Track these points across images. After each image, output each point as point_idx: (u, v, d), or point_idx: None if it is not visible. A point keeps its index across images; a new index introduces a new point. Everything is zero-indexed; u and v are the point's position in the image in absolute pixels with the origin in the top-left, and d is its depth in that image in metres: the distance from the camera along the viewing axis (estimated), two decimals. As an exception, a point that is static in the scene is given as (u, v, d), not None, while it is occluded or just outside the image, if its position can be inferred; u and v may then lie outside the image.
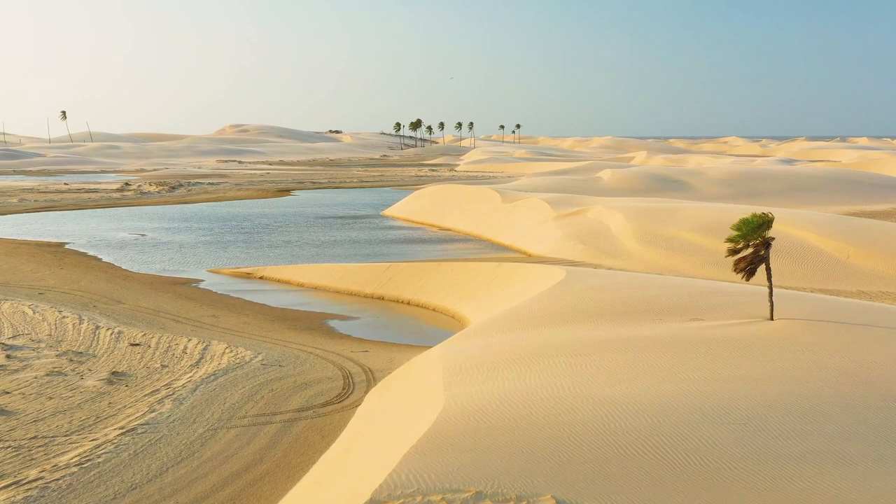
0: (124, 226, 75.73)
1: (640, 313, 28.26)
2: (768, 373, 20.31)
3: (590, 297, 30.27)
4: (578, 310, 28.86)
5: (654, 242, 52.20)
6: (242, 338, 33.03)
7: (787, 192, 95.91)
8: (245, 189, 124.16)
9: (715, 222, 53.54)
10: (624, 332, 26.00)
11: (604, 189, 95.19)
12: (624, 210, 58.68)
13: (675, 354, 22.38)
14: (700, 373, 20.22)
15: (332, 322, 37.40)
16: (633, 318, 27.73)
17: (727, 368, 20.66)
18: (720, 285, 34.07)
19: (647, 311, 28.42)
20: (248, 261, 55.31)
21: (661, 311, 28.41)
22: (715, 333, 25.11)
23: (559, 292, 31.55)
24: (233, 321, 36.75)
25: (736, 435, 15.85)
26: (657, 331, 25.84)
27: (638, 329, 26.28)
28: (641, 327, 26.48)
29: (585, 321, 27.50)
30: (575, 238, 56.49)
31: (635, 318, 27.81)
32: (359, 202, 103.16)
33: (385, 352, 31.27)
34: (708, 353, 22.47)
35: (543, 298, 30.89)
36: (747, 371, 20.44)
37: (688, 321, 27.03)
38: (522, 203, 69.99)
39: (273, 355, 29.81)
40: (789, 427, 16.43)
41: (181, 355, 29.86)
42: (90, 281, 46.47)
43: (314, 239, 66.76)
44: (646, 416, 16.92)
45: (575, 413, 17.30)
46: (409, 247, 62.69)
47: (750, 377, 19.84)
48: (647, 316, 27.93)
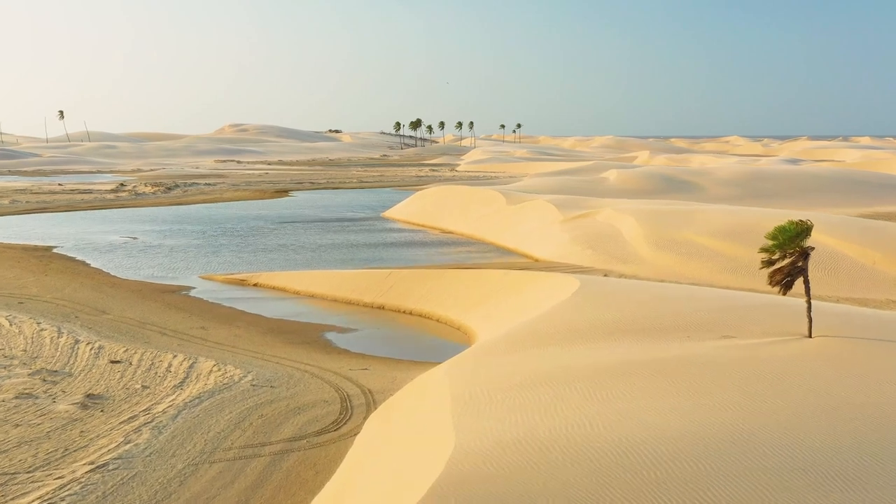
0: (116, 228, 73.34)
1: (664, 330, 25.90)
2: (822, 403, 17.93)
3: (608, 311, 27.90)
4: (596, 325, 26.50)
5: (668, 247, 49.82)
6: (232, 353, 30.64)
7: (796, 192, 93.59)
8: (242, 190, 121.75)
9: (730, 226, 51.23)
10: (648, 351, 23.64)
11: (610, 190, 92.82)
12: (635, 213, 56.30)
13: (709, 380, 20.01)
14: (745, 403, 17.85)
15: (329, 335, 35.02)
16: (657, 336, 25.38)
17: (773, 397, 18.28)
18: (748, 297, 31.68)
19: (672, 327, 26.06)
20: (241, 266, 52.93)
21: (687, 327, 26.05)
22: (750, 354, 22.74)
23: (574, 305, 29.17)
24: (223, 334, 34.36)
25: (806, 484, 13.50)
26: (685, 350, 23.48)
27: (663, 348, 23.92)
28: (667, 346, 24.12)
29: (605, 339, 25.14)
30: (583, 242, 54.10)
31: (659, 335, 25.46)
32: (358, 203, 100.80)
33: (386, 369, 28.90)
34: (747, 377, 20.09)
35: (557, 312, 28.52)
36: (796, 401, 18.07)
37: (718, 339, 24.67)
38: (527, 205, 67.61)
39: (264, 374, 27.43)
40: (859, 474, 14.10)
41: (165, 374, 27.47)
42: (75, 288, 44.09)
43: (311, 242, 64.38)
44: (687, 463, 14.59)
45: (603, 457, 14.99)
46: (410, 250, 60.34)
47: (800, 409, 17.47)
48: (673, 333, 25.57)
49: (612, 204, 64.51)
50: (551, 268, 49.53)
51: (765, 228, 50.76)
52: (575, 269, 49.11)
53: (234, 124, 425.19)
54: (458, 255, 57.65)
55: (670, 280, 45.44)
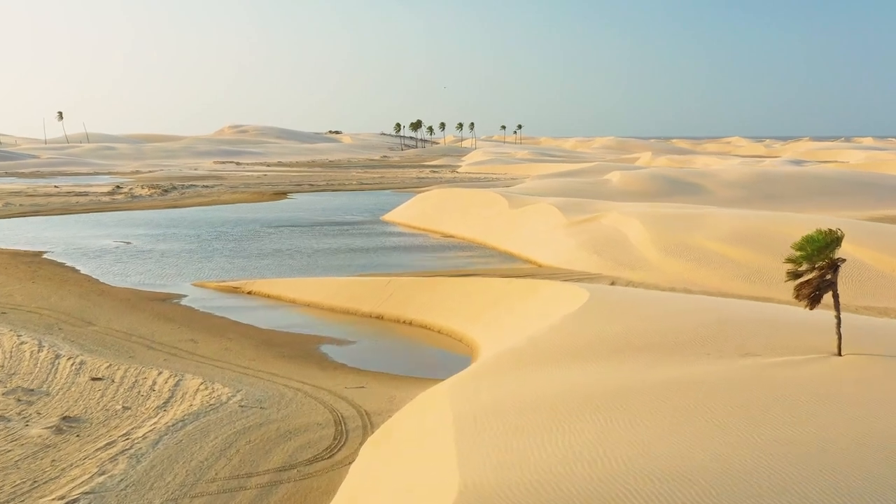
0: (109, 232, 71.64)
1: (681, 346, 24.18)
2: (854, 433, 16.23)
3: (618, 325, 26.19)
4: (608, 341, 24.78)
5: (677, 253, 48.09)
6: (221, 369, 28.92)
7: (804, 195, 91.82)
8: (240, 192, 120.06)
9: (741, 231, 49.50)
10: (663, 370, 21.92)
11: (613, 192, 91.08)
12: (642, 217, 54.56)
13: (735, 405, 18.28)
14: (777, 433, 16.15)
15: (325, 347, 33.30)
16: (672, 353, 23.65)
17: (808, 427, 16.56)
18: (768, 308, 29.93)
19: (689, 342, 24.33)
20: (233, 271, 51.21)
21: (705, 343, 24.33)
22: (776, 375, 21.02)
23: (583, 318, 27.47)
24: (213, 347, 32.64)
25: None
26: (705, 370, 21.76)
27: (682, 367, 22.20)
28: (686, 365, 22.40)
29: (616, 356, 23.40)
30: (589, 247, 52.37)
31: (677, 351, 23.73)
32: (357, 206, 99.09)
33: (384, 387, 27.18)
34: (775, 402, 18.38)
35: (566, 326, 26.81)
36: (824, 430, 16.38)
37: (740, 357, 22.96)
38: (530, 208, 65.89)
39: (254, 393, 25.70)
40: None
41: (148, 393, 25.75)
42: (62, 297, 42.39)
43: (308, 247, 62.64)
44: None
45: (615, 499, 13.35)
46: (409, 255, 58.63)
47: (830, 440, 15.78)
48: (691, 349, 23.85)
49: (617, 207, 62.79)
50: (556, 274, 47.82)
51: (777, 233, 49.21)
52: (581, 275, 47.41)
53: (234, 125, 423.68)
54: (460, 261, 55.94)
55: (680, 287, 43.74)
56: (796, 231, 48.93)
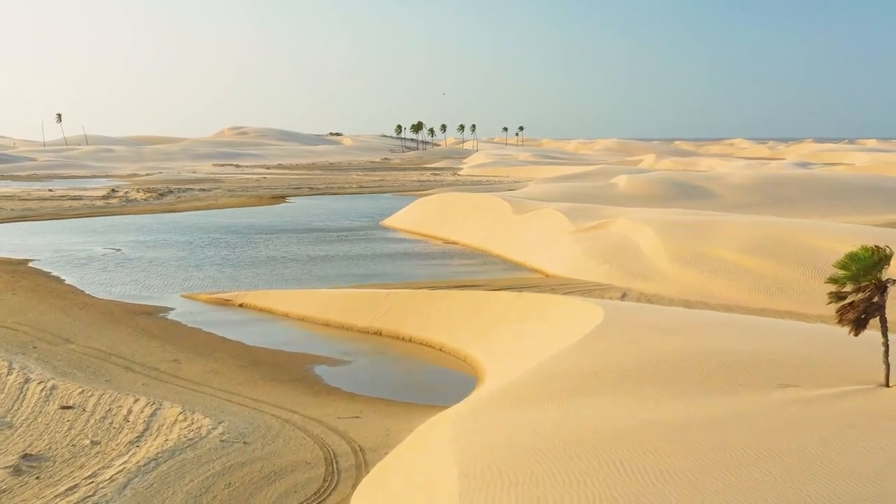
0: (100, 239, 69.31)
1: (710, 374, 21.80)
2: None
3: (641, 349, 23.82)
4: (629, 369, 22.40)
5: (692, 263, 45.70)
6: (204, 396, 26.56)
7: (815, 199, 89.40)
8: (238, 196, 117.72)
9: (758, 239, 47.12)
10: (693, 406, 19.52)
11: (620, 196, 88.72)
12: (653, 224, 52.18)
13: (778, 449, 15.92)
14: (834, 488, 13.80)
15: (318, 369, 30.93)
16: (700, 383, 21.26)
17: (865, 481, 14.21)
18: (802, 329, 27.51)
19: (719, 370, 21.95)
20: (224, 281, 48.86)
21: (736, 371, 21.95)
22: (820, 411, 18.66)
23: (599, 341, 25.10)
24: (197, 369, 30.28)
25: None
26: (740, 404, 19.39)
27: (714, 401, 19.83)
28: (718, 398, 20.03)
29: (641, 387, 21.02)
30: (598, 256, 49.99)
31: (706, 381, 21.34)
32: (356, 210, 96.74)
33: (380, 417, 24.80)
34: (823, 444, 16.03)
35: (581, 350, 24.44)
36: (882, 479, 14.06)
37: (777, 388, 20.61)
38: (536, 214, 63.52)
39: (238, 425, 23.34)
40: None
41: (121, 425, 23.39)
42: (42, 311, 40.06)
43: (303, 254, 60.27)
44: None
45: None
46: (409, 264, 56.27)
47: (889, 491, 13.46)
48: (721, 378, 21.47)
49: (626, 213, 60.43)
50: (564, 285, 45.49)
51: (796, 241, 46.75)
52: (590, 286, 45.05)
53: (234, 127, 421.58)
54: (462, 270, 53.60)
55: (696, 300, 41.39)
56: (816, 239, 46.72)
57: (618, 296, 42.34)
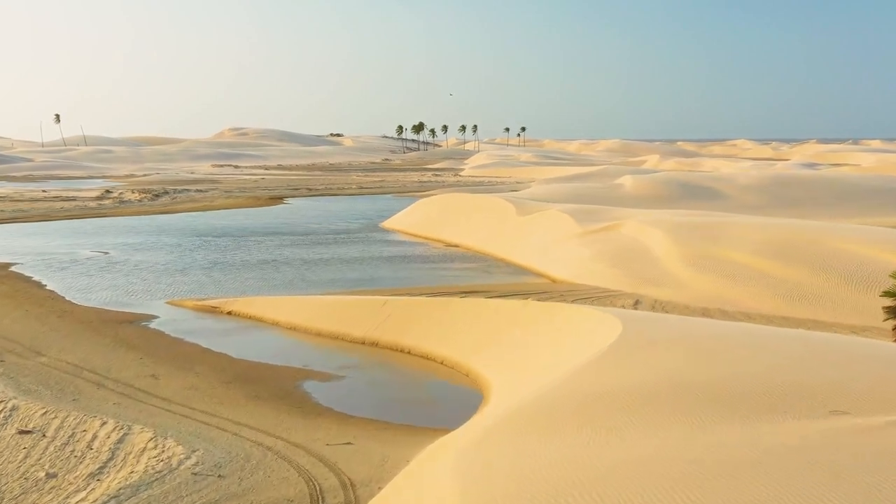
0: (89, 241, 66.84)
1: (744, 398, 19.23)
2: None
3: (667, 369, 21.27)
4: (653, 391, 19.83)
5: (707, 267, 43.17)
6: (180, 418, 24.03)
7: (827, 200, 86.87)
8: (235, 197, 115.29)
9: (776, 242, 44.58)
10: (732, 439, 16.89)
11: (626, 197, 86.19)
12: (664, 226, 49.66)
13: (828, 493, 13.38)
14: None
15: (307, 385, 28.40)
16: (737, 408, 18.68)
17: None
18: (840, 343, 24.91)
19: (757, 393, 19.38)
20: (212, 286, 46.37)
21: (777, 394, 19.37)
22: (880, 444, 16.12)
23: (619, 358, 22.55)
24: (176, 385, 27.76)
25: None
26: (790, 434, 16.81)
27: (750, 433, 17.26)
28: (761, 426, 17.46)
29: (671, 414, 18.46)
30: (607, 260, 47.47)
31: (740, 406, 18.76)
32: (355, 212, 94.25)
33: (375, 443, 22.26)
34: (888, 490, 13.50)
35: (598, 369, 21.89)
36: None
37: (824, 416, 18.07)
38: (540, 216, 61.01)
39: (214, 454, 20.79)
40: None
41: (83, 454, 20.87)
42: (15, 319, 37.59)
43: (298, 257, 57.73)
44: None
45: None
46: (409, 268, 53.74)
47: None
48: (760, 403, 18.90)
49: (635, 215, 57.91)
50: (572, 291, 42.97)
51: (815, 244, 44.13)
52: (600, 292, 42.51)
53: (235, 128, 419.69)
54: (464, 274, 51.07)
55: (714, 308, 38.83)
56: (837, 242, 44.13)
57: (630, 303, 39.82)
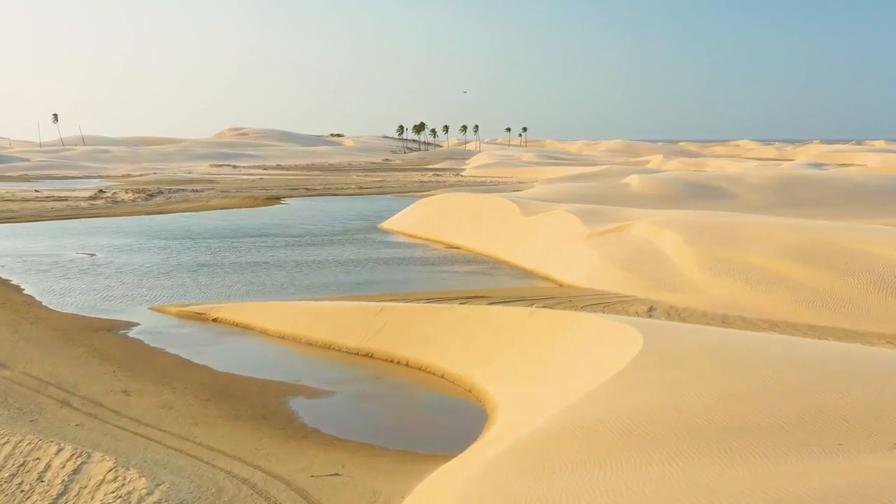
0: (76, 242, 64.31)
1: (793, 426, 16.63)
2: None
3: (697, 391, 18.65)
4: (679, 418, 17.23)
5: (725, 271, 40.54)
6: (148, 442, 21.44)
7: (841, 201, 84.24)
8: (231, 197, 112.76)
9: (798, 244, 41.94)
10: (778, 477, 14.40)
11: (633, 197, 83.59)
12: (677, 226, 47.04)
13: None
14: None
15: (294, 402, 25.80)
16: (783, 441, 16.10)
17: None
18: (888, 358, 22.21)
19: (805, 420, 16.79)
20: (197, 290, 43.76)
21: (828, 422, 16.80)
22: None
23: (641, 377, 19.93)
24: (148, 403, 25.17)
25: None
26: (842, 475, 14.21)
27: (801, 469, 14.72)
28: (805, 463, 14.91)
29: (703, 445, 15.86)
30: (618, 263, 44.84)
31: (785, 438, 16.19)
32: (353, 212, 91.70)
33: (366, 473, 19.65)
34: None
35: (618, 391, 19.27)
36: None
37: (888, 449, 15.51)
38: (546, 216, 58.41)
39: (181, 488, 18.19)
40: None
41: (32, 487, 18.29)
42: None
43: (289, 259, 55.09)
44: None
45: None
46: (408, 271, 51.15)
47: None
48: (809, 432, 16.34)
49: (645, 215, 55.30)
50: (582, 296, 40.38)
51: (839, 246, 41.35)
52: (611, 297, 39.93)
53: (235, 128, 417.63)
54: (467, 278, 48.48)
55: (734, 315, 36.24)
56: (860, 244, 41.45)
57: (644, 309, 37.23)
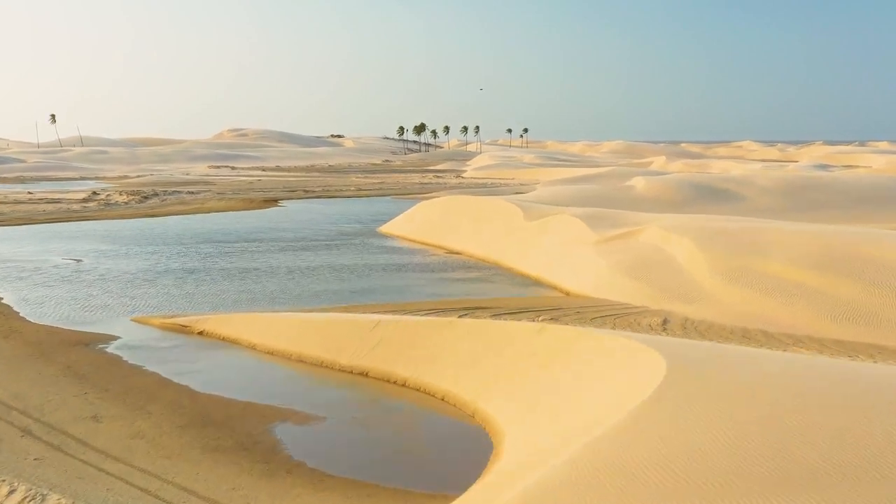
0: (63, 246, 62.00)
1: (850, 474, 14.35)
2: None
3: (737, 424, 16.26)
4: (725, 461, 14.91)
5: (743, 281, 38.21)
6: (112, 481, 19.10)
7: (851, 203, 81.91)
8: (227, 199, 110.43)
9: (820, 251, 39.60)
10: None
11: (639, 200, 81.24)
12: (690, 232, 44.70)
13: None
14: None
15: (280, 429, 23.46)
16: (842, 491, 13.85)
17: None
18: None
19: (861, 467, 14.49)
20: (182, 300, 41.43)
21: (890, 466, 14.53)
22: None
23: (669, 413, 17.56)
24: (119, 431, 22.84)
25: None
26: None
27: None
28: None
29: (756, 496, 13.57)
30: (627, 271, 42.52)
31: (845, 487, 13.93)
32: (351, 215, 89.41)
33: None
34: None
35: (640, 429, 16.91)
36: None
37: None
38: (551, 221, 56.08)
39: (143, 541, 15.87)
40: None
41: (-27, 539, 15.99)
42: (-47, 341, 32.70)
43: (282, 265, 52.72)
44: None
45: None
46: (407, 278, 48.82)
47: None
48: (871, 482, 14.05)
49: (655, 220, 52.95)
50: (591, 307, 38.06)
51: (865, 255, 38.80)
52: (622, 308, 37.61)
53: (234, 129, 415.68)
54: (468, 286, 46.14)
55: (755, 328, 33.91)
56: (889, 252, 39.15)
57: (658, 321, 34.90)
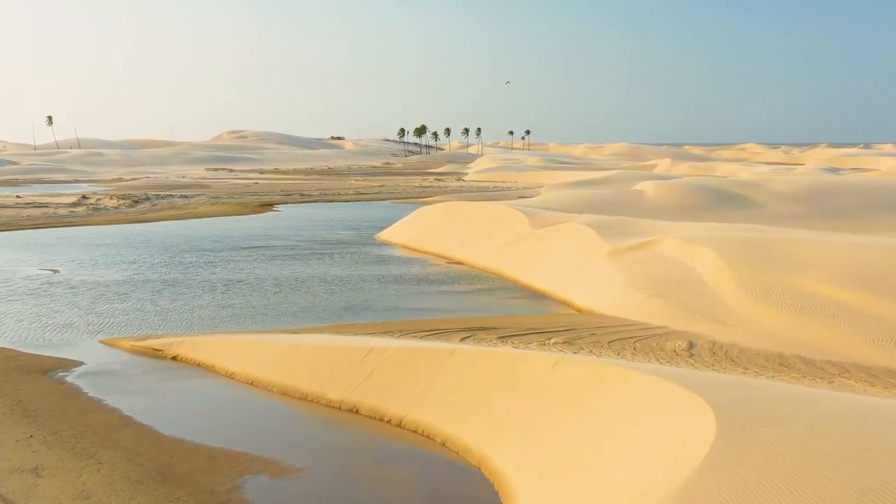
0: (42, 255, 58.45)
1: None
2: None
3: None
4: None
5: (775, 299, 34.58)
6: (34, 565, 15.51)
7: (873, 210, 78.31)
8: (221, 203, 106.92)
9: (862, 267, 36.05)
10: None
11: (649, 206, 77.67)
12: (713, 243, 41.12)
13: None
14: None
15: (252, 485, 19.80)
16: None
17: None
18: None
19: None
20: (155, 317, 37.76)
21: None
22: None
23: (716, 492, 13.95)
24: (59, 490, 19.21)
25: None
26: None
27: None
28: None
29: None
30: (646, 287, 38.90)
31: None
32: (349, 220, 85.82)
33: None
34: None
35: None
36: None
37: None
38: (559, 229, 52.49)
39: None
40: None
41: None
42: None
43: (270, 277, 49.06)
44: None
45: None
46: (404, 291, 45.19)
47: None
48: None
49: (670, 228, 49.43)
50: (606, 327, 34.43)
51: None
52: (642, 329, 33.99)
53: (233, 131, 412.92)
54: (470, 301, 42.56)
55: (792, 354, 30.23)
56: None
57: (683, 346, 31.25)
